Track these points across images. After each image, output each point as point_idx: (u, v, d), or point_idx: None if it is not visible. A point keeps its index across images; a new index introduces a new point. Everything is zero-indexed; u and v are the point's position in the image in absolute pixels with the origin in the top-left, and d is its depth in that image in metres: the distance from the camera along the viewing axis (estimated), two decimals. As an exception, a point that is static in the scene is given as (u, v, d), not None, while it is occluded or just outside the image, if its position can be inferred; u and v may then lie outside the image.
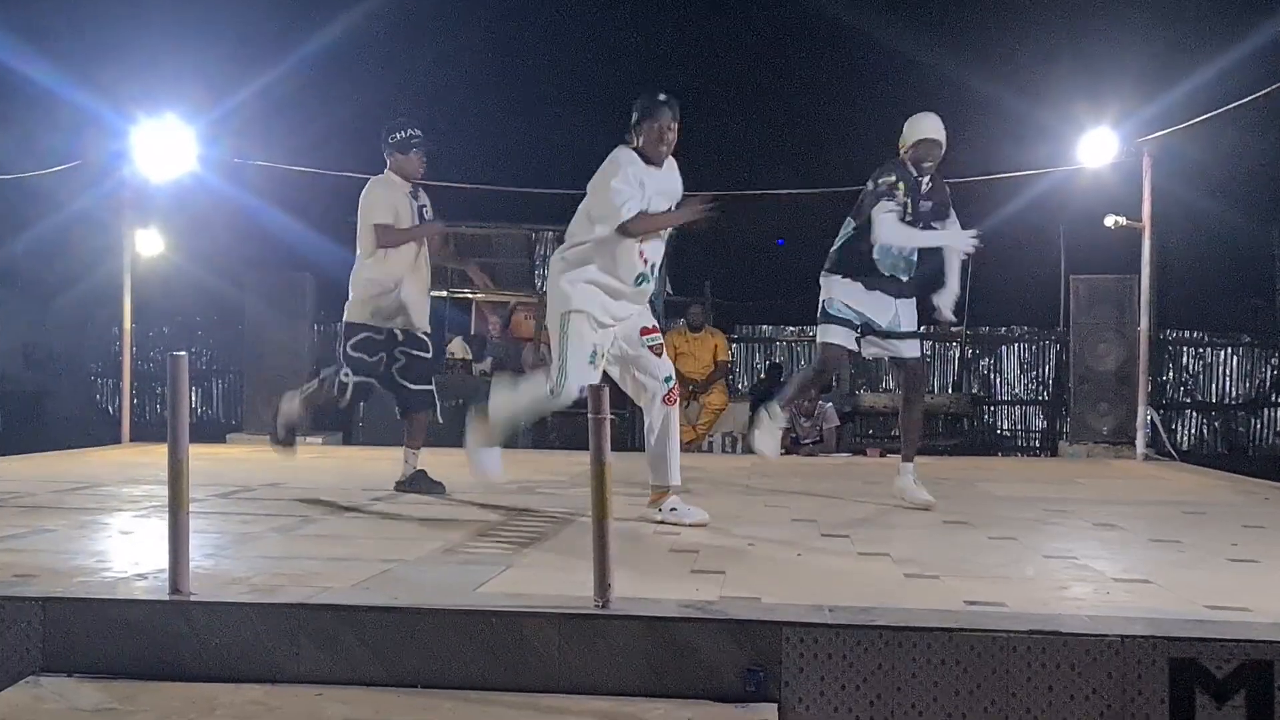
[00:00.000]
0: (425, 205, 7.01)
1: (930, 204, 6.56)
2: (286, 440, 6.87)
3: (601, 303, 5.60)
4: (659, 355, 5.79)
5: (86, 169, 11.66)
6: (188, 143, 10.88)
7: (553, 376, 5.61)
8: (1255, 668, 3.33)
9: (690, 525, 5.64)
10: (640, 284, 5.64)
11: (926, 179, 6.53)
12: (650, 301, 5.94)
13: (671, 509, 5.73)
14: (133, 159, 10.93)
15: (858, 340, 6.67)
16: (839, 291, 6.58)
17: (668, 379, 5.79)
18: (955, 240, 6.57)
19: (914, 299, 6.67)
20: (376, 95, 17.63)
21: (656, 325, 5.90)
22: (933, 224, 6.59)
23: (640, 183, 5.48)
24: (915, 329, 6.73)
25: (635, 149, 5.59)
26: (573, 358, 5.55)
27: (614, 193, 5.43)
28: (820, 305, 6.69)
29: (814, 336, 7.16)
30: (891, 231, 6.40)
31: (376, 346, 6.85)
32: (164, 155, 10.82)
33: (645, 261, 5.63)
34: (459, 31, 19.82)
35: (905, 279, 6.58)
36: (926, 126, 6.51)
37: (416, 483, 6.96)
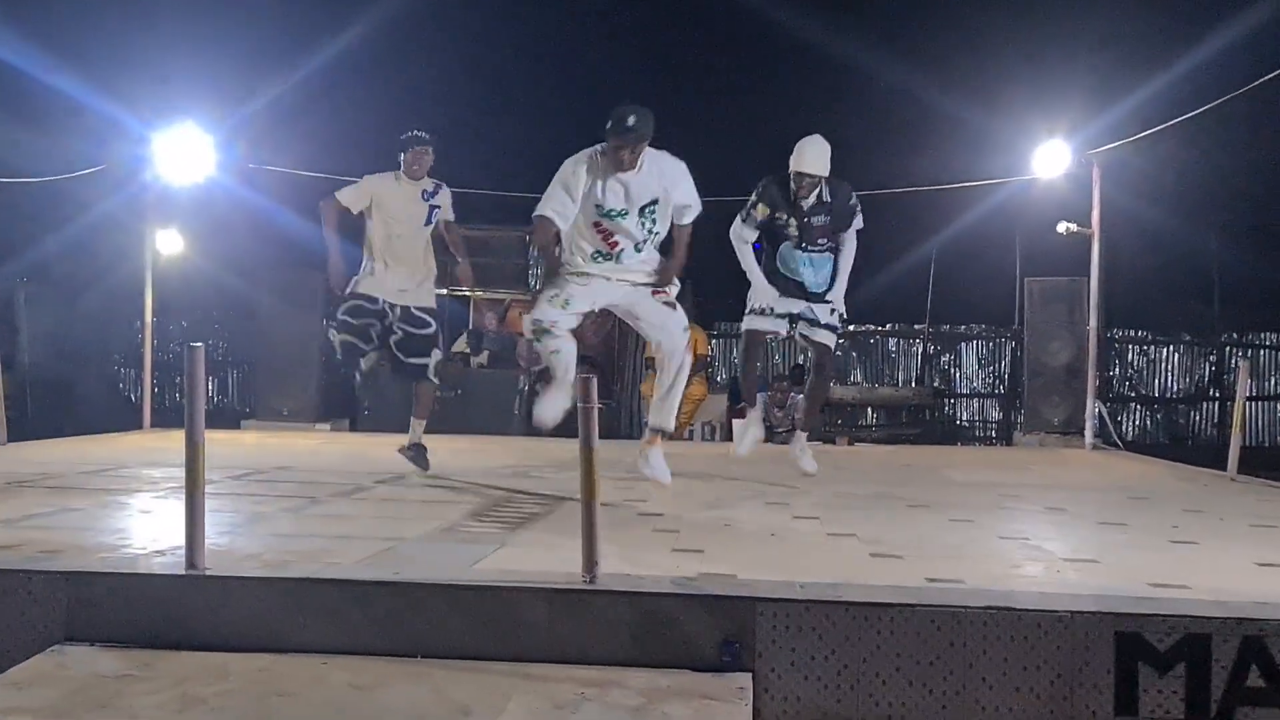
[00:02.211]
0: (439, 208, 7.05)
1: (826, 218, 6.82)
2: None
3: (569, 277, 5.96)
4: (674, 309, 6.00)
5: (111, 173, 11.62)
6: (206, 149, 10.84)
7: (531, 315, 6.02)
8: (1194, 641, 3.33)
9: (650, 478, 5.82)
10: (598, 260, 5.90)
11: (813, 197, 6.75)
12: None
13: (647, 459, 5.93)
14: (154, 164, 10.89)
15: (790, 327, 7.06)
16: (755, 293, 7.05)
17: (685, 328, 6.01)
18: (759, 291, 6.96)
19: (826, 305, 6.99)
20: (381, 104, 17.56)
21: (664, 290, 6.05)
22: (821, 240, 6.85)
23: (567, 185, 5.75)
24: (832, 325, 7.06)
25: (601, 153, 5.76)
26: (544, 297, 5.95)
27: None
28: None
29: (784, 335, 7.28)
30: (734, 236, 6.96)
31: (363, 312, 6.89)
32: (184, 161, 10.79)
33: (607, 242, 5.87)
34: (458, 47, 19.76)
35: (808, 290, 6.95)
36: (796, 158, 6.74)
37: (412, 451, 7.01)
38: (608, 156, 5.74)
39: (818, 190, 6.73)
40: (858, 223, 6.94)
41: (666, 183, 5.87)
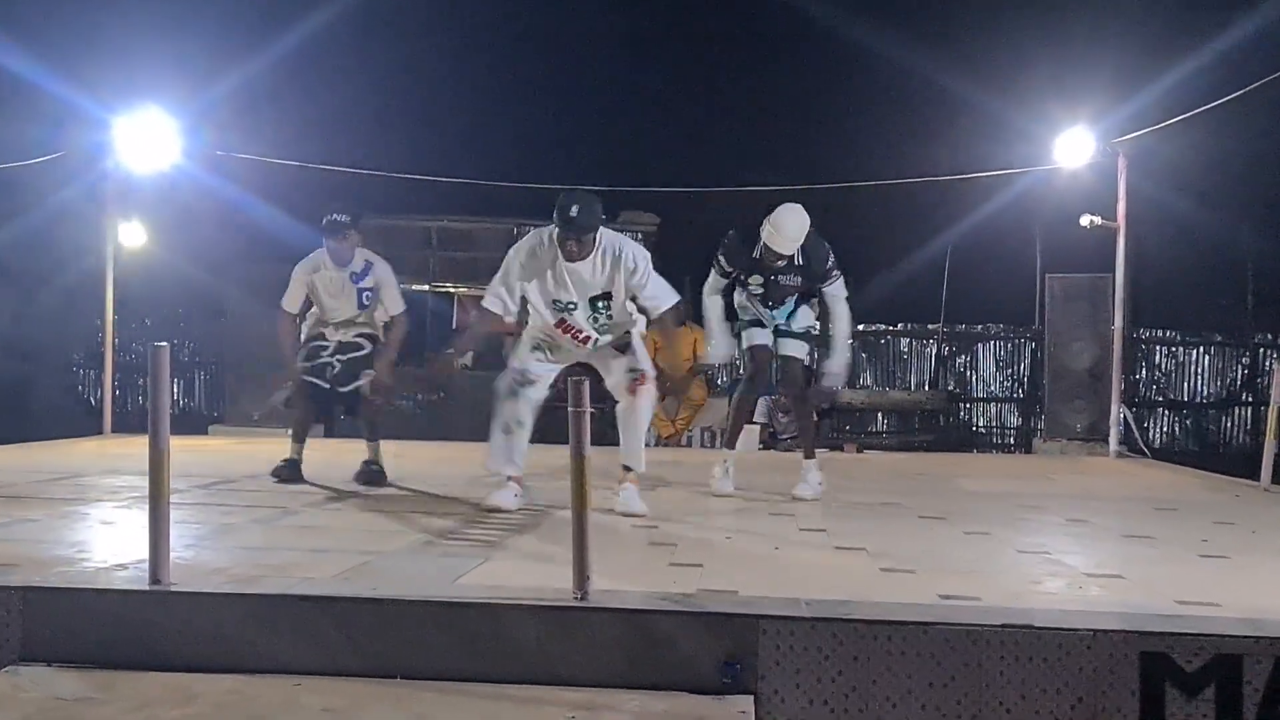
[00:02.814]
0: (370, 290, 7.23)
1: (797, 278, 6.77)
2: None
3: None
4: (624, 352, 6.07)
5: (69, 161, 11.58)
6: (171, 135, 10.83)
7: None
8: (1225, 662, 3.35)
9: (633, 514, 5.77)
10: (568, 346, 6.08)
11: (783, 262, 6.68)
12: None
13: (620, 496, 5.94)
14: (116, 151, 10.87)
15: (773, 337, 7.01)
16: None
17: (630, 370, 6.03)
18: (717, 349, 7.08)
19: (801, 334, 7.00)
20: (359, 87, 17.53)
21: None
22: (789, 299, 6.85)
23: (509, 275, 5.90)
24: (803, 336, 7.02)
25: (550, 238, 5.83)
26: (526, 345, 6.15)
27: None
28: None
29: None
30: (706, 291, 6.99)
31: (319, 352, 7.19)
32: (147, 147, 10.77)
33: (575, 339, 6.01)
34: (442, 23, 19.72)
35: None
36: (770, 232, 6.62)
37: (360, 474, 7.13)
38: (555, 244, 5.81)
39: (790, 256, 6.68)
40: (840, 289, 6.82)
41: (623, 277, 5.86)
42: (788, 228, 6.57)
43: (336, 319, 7.26)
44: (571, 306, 5.89)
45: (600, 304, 5.88)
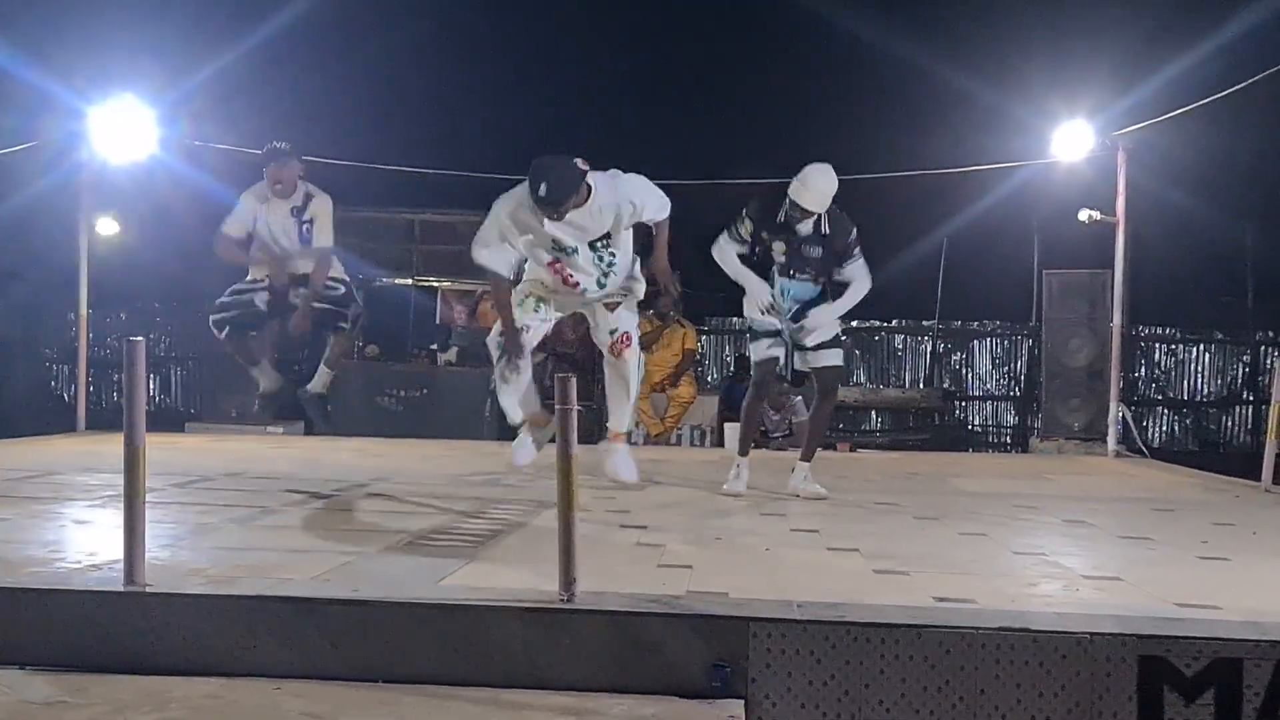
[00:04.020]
0: (310, 221, 7.22)
1: (819, 250, 6.75)
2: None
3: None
4: (611, 310, 6.21)
5: (42, 151, 11.53)
6: (147, 125, 10.79)
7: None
8: (1224, 666, 3.36)
9: (622, 480, 5.97)
10: (560, 293, 6.17)
11: (808, 225, 6.66)
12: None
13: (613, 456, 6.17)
14: (90, 141, 10.83)
15: (786, 351, 6.91)
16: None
17: (612, 331, 6.18)
18: (755, 293, 6.77)
19: (825, 304, 6.90)
20: (337, 76, 17.51)
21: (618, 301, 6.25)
22: (808, 271, 6.78)
23: (503, 232, 5.98)
24: (832, 336, 6.92)
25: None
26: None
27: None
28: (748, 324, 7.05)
29: None
30: (716, 251, 6.82)
31: (245, 289, 7.24)
32: (123, 137, 10.73)
33: (567, 283, 6.07)
34: (420, 12, 19.70)
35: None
36: (797, 188, 6.61)
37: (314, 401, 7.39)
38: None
39: (814, 220, 6.68)
40: (863, 269, 6.87)
41: (620, 209, 5.91)
42: (816, 183, 6.59)
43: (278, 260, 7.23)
44: (574, 249, 5.95)
45: (601, 244, 5.94)
